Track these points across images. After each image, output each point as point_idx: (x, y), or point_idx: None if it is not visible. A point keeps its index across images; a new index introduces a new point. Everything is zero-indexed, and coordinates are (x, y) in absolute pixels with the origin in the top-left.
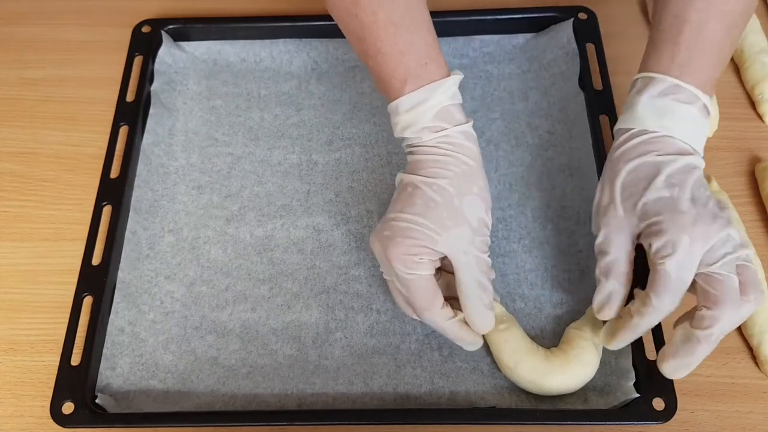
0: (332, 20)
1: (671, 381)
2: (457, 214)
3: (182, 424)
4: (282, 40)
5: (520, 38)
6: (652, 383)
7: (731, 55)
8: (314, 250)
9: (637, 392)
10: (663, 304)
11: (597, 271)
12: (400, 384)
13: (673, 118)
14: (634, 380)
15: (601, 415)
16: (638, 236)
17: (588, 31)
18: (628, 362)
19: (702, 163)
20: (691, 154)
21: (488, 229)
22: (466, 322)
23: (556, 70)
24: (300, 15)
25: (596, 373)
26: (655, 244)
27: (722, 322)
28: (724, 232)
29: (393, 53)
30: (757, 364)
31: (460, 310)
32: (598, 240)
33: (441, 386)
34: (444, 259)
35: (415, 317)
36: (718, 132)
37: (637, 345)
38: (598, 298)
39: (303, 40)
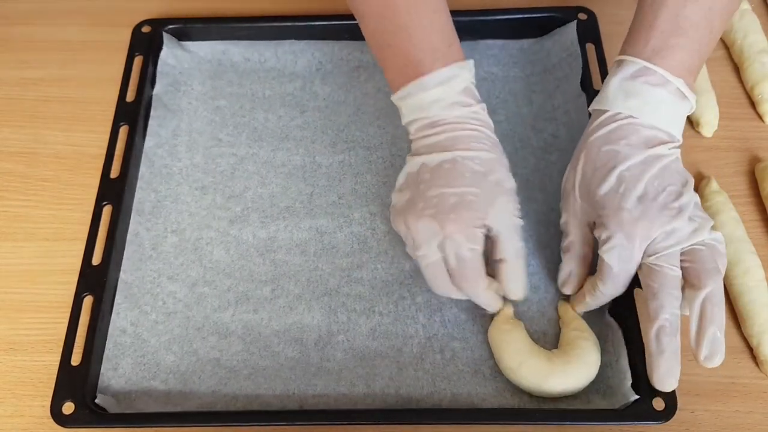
0: (336, 21)
1: None
2: (498, 185)
3: (183, 424)
4: (287, 41)
5: (524, 42)
6: None
7: (714, 40)
8: (317, 252)
9: (638, 392)
10: (608, 290)
11: (561, 248)
12: (401, 386)
13: (640, 99)
14: (631, 381)
15: (601, 415)
16: (594, 223)
17: (588, 32)
18: (626, 364)
19: (673, 152)
20: (658, 144)
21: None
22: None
23: (560, 73)
24: (303, 15)
25: (597, 375)
26: (600, 237)
27: (664, 314)
28: (669, 226)
29: (419, 30)
30: (756, 364)
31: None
32: (561, 221)
33: (443, 389)
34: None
35: (445, 294)
36: (717, 132)
37: (637, 345)
38: (560, 276)
39: (308, 41)
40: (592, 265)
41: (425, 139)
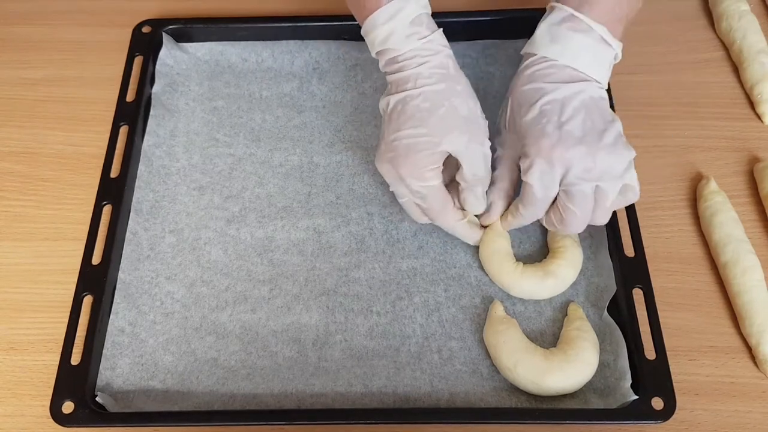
0: (333, 21)
1: (671, 380)
2: (450, 115)
3: (182, 424)
4: (284, 41)
5: (521, 42)
6: (652, 383)
7: None
8: (315, 251)
9: (637, 392)
10: (528, 213)
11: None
12: (399, 386)
13: (564, 44)
14: (630, 382)
15: (601, 414)
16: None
17: None
18: (625, 364)
19: (597, 92)
20: (580, 81)
21: (484, 120)
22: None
23: None
24: (301, 16)
25: (596, 375)
26: (522, 164)
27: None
28: (587, 155)
29: None
30: (755, 363)
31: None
32: (494, 156)
33: (440, 388)
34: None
35: (427, 221)
36: (717, 132)
37: (636, 345)
38: (485, 206)
39: (305, 40)
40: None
41: (390, 75)
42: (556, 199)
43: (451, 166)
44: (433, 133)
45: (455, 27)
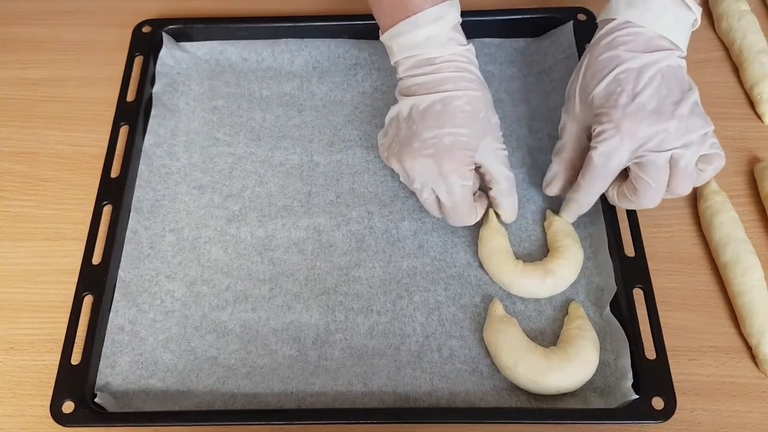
0: (333, 21)
1: (671, 380)
2: (485, 122)
3: (182, 423)
4: (284, 39)
5: (521, 41)
6: (652, 382)
7: None
8: (315, 250)
9: (637, 391)
10: (589, 186)
11: (553, 152)
12: (399, 385)
13: (644, 7)
14: (632, 381)
15: (601, 414)
16: (589, 129)
17: (587, 32)
18: (627, 363)
19: (675, 60)
20: (660, 50)
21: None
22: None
23: (557, 74)
24: (301, 15)
25: (596, 374)
26: (593, 134)
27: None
28: (658, 127)
29: None
30: (756, 363)
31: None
32: (560, 125)
33: (440, 387)
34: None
35: (440, 216)
36: (717, 132)
37: (637, 345)
38: (546, 177)
39: (305, 39)
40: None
41: (415, 78)
42: (629, 172)
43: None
44: (474, 134)
45: None
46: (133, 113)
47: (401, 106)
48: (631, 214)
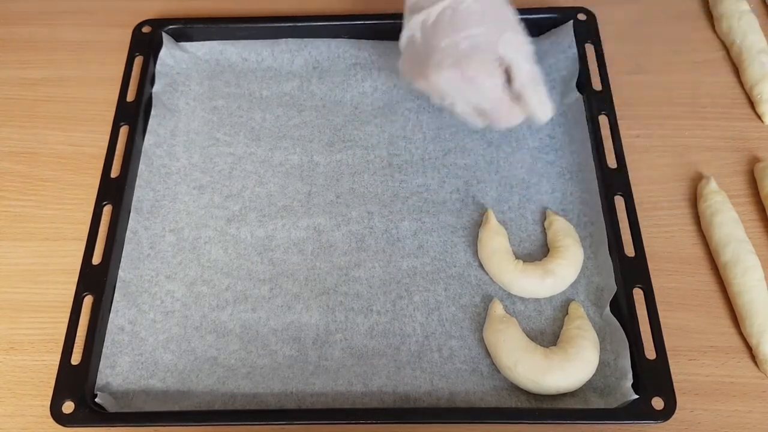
0: (333, 21)
1: (671, 380)
2: (502, 17)
3: (182, 423)
4: (284, 39)
5: None
6: (652, 382)
7: None
8: (315, 250)
9: (637, 391)
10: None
11: None
12: (399, 385)
13: None
14: (632, 381)
15: (601, 414)
16: None
17: (587, 32)
18: (627, 363)
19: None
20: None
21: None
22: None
23: (557, 74)
24: (301, 15)
25: (596, 374)
26: None
27: None
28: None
29: None
30: (756, 363)
31: None
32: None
33: (440, 387)
34: None
35: (484, 125)
36: (717, 132)
37: (637, 345)
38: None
39: (304, 39)
40: None
41: None
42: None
43: None
44: (490, 32)
45: None
46: (133, 113)
47: (412, 27)
48: (631, 214)
